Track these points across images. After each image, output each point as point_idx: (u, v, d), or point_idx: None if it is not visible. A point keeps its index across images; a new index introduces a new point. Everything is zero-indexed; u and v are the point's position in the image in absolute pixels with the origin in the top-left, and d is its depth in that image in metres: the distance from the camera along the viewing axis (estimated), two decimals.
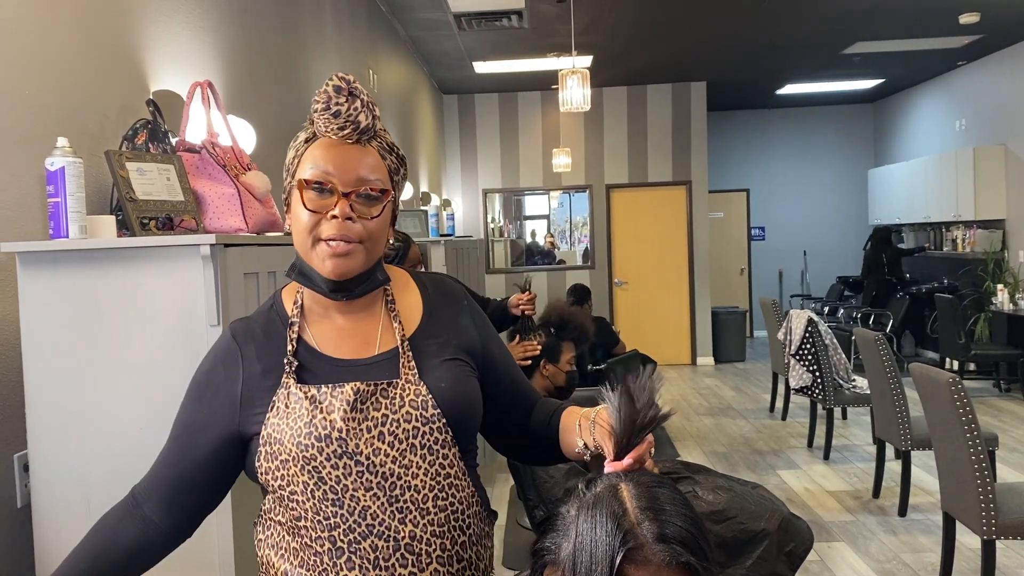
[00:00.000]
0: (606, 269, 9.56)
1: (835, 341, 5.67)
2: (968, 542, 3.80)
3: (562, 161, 8.52)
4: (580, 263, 9.67)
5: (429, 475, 1.17)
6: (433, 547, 1.16)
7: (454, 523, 1.19)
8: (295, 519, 1.17)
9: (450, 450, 1.19)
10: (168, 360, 1.66)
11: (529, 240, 9.77)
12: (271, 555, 1.22)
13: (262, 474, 1.18)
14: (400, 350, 1.20)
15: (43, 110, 1.89)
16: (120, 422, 1.67)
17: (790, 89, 9.79)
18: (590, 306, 6.22)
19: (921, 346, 9.33)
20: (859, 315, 8.82)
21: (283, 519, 1.19)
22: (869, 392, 4.91)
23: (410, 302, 1.26)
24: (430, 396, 1.17)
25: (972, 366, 7.72)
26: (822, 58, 8.16)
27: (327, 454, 1.13)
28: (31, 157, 1.83)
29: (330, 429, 1.13)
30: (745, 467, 5.37)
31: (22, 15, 1.83)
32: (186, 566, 1.69)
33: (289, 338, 1.20)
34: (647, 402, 1.05)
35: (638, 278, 9.58)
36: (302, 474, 1.14)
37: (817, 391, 5.58)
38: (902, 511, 4.39)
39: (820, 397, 5.56)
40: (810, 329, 5.57)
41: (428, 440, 1.17)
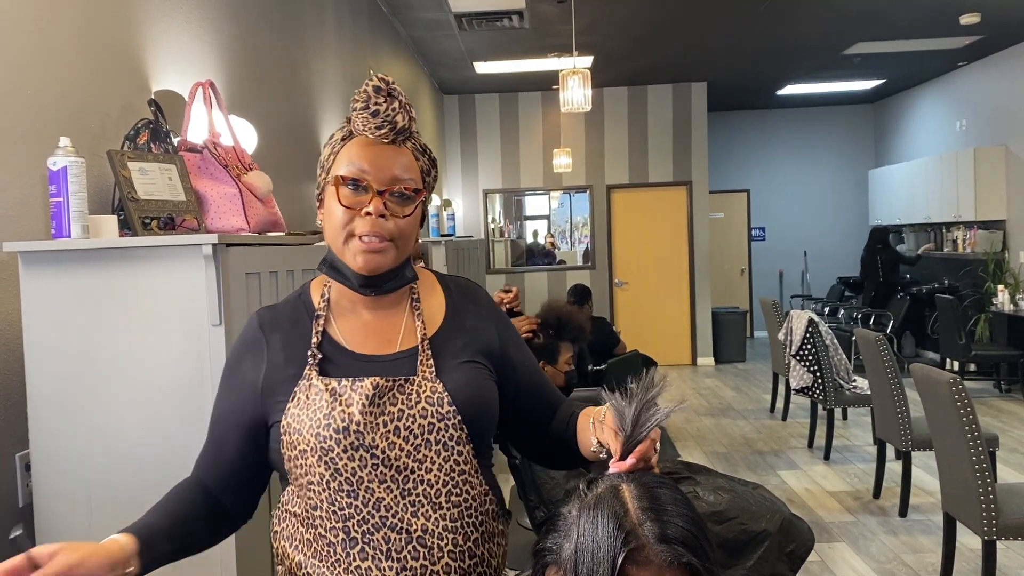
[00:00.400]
0: (606, 269, 9.57)
1: (835, 341, 5.67)
2: (969, 543, 3.80)
3: (562, 161, 8.52)
4: (580, 263, 9.67)
5: (443, 470, 1.19)
6: (445, 541, 1.18)
7: (467, 519, 1.20)
8: (311, 508, 1.19)
9: (464, 447, 1.21)
10: (170, 360, 1.66)
11: (530, 240, 9.77)
12: (286, 546, 1.24)
13: (285, 462, 1.21)
14: (420, 348, 1.22)
15: (45, 110, 1.89)
16: (122, 422, 1.67)
17: (791, 90, 9.79)
18: (590, 306, 6.22)
19: (922, 347, 9.33)
20: (859, 315, 8.82)
21: (299, 510, 1.22)
22: (869, 392, 4.91)
23: (434, 303, 1.29)
24: (446, 394, 1.19)
25: (972, 367, 7.72)
26: (823, 59, 8.16)
27: (344, 446, 1.15)
28: (33, 157, 1.83)
29: (348, 422, 1.15)
30: (746, 467, 5.37)
31: (23, 15, 1.83)
32: (185, 561, 1.69)
33: (315, 330, 1.23)
34: (648, 401, 1.06)
35: (638, 278, 9.58)
36: (319, 465, 1.16)
37: (818, 391, 5.58)
38: (903, 512, 4.39)
39: (820, 397, 5.56)
40: (810, 329, 5.57)
41: (443, 436, 1.19)
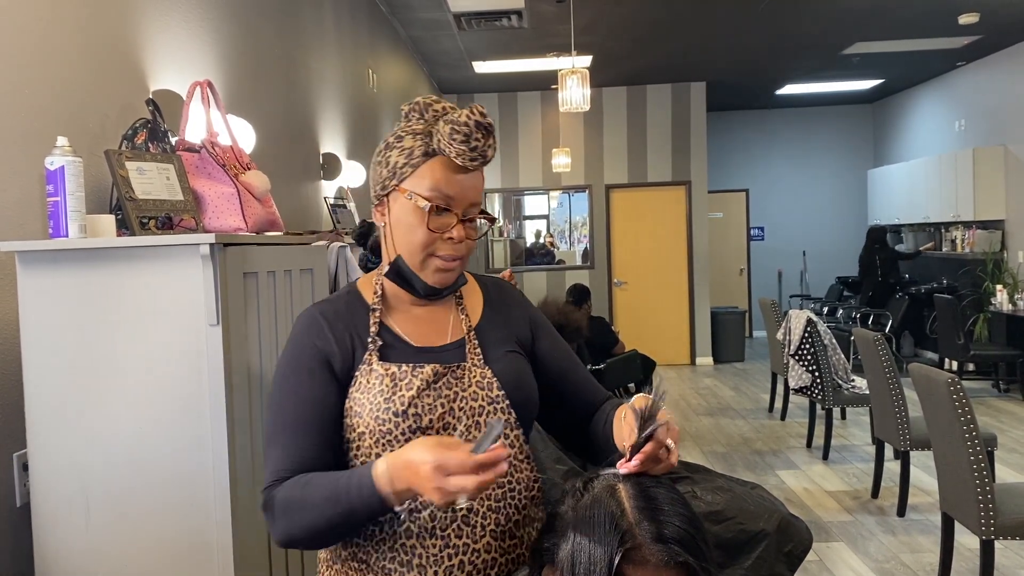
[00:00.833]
0: (605, 269, 9.57)
1: (834, 341, 5.67)
2: (967, 542, 3.80)
3: (561, 161, 8.52)
4: (579, 263, 9.67)
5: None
6: (488, 521, 1.23)
7: (510, 501, 1.26)
8: None
9: (513, 431, 1.28)
10: (167, 359, 1.66)
11: (529, 240, 9.77)
12: None
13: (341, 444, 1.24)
14: (467, 338, 1.30)
15: (43, 109, 1.89)
16: (119, 421, 1.67)
17: (790, 89, 9.80)
18: (589, 306, 6.22)
19: (920, 346, 9.33)
20: (858, 315, 8.82)
21: None
22: (868, 392, 4.91)
23: (473, 299, 1.37)
24: (495, 379, 1.27)
25: (971, 366, 7.72)
26: (822, 58, 8.16)
27: (402, 429, 1.21)
28: (31, 156, 1.83)
29: (407, 405, 1.21)
30: (744, 467, 5.38)
31: (22, 15, 1.83)
32: (185, 561, 1.69)
33: (372, 320, 1.28)
34: (654, 410, 1.06)
35: (637, 278, 9.58)
36: (376, 447, 1.22)
37: (816, 391, 5.58)
38: (901, 511, 4.39)
39: (819, 397, 5.56)
40: (809, 329, 5.57)
41: (492, 420, 1.25)
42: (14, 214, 1.78)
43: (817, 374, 5.54)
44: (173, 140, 2.05)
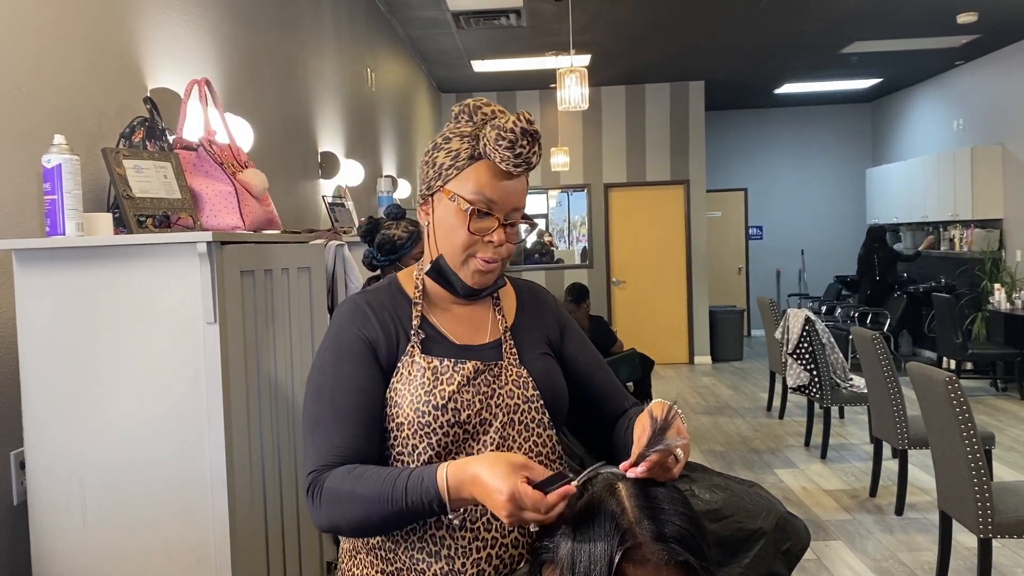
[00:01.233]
0: (604, 268, 9.56)
1: (832, 340, 5.67)
2: (965, 541, 3.80)
3: (560, 160, 8.51)
4: (578, 262, 9.66)
5: (523, 450, 1.28)
6: None
7: None
8: None
9: (546, 431, 1.31)
10: (164, 357, 1.66)
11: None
12: None
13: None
14: (503, 338, 1.33)
15: (40, 107, 1.88)
16: (116, 419, 1.66)
17: (788, 88, 9.80)
18: (588, 305, 6.21)
19: (918, 345, 9.33)
20: (856, 314, 8.82)
21: None
22: (866, 391, 4.91)
23: (508, 300, 1.40)
24: (530, 379, 1.30)
25: (969, 365, 7.72)
26: (820, 57, 8.16)
27: (441, 422, 1.23)
28: (28, 154, 1.82)
29: (446, 399, 1.23)
30: (742, 466, 5.38)
31: (19, 13, 1.83)
32: (182, 560, 1.69)
33: (414, 313, 1.30)
34: (666, 425, 1.07)
35: (636, 277, 9.58)
36: (413, 438, 1.23)
37: (814, 390, 5.58)
38: (899, 510, 4.39)
39: (817, 396, 5.57)
40: (807, 328, 5.57)
41: (526, 418, 1.29)
42: (11, 212, 1.78)
43: (815, 373, 5.55)
44: (171, 138, 2.04)
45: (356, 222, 4.16)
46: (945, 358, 7.74)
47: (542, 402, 1.30)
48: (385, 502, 1.13)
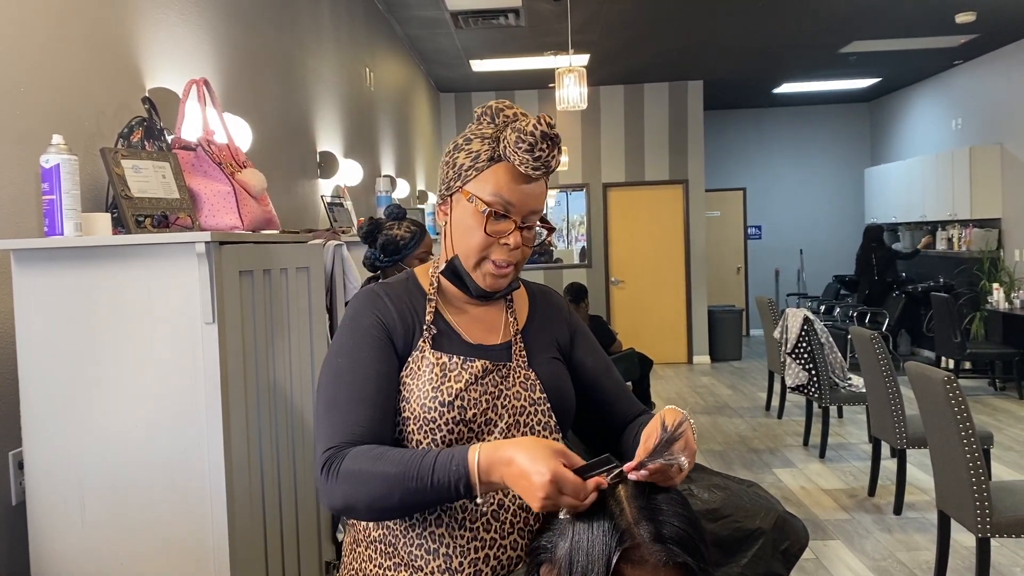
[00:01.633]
0: (603, 268, 9.57)
1: (831, 340, 5.67)
2: (963, 540, 3.81)
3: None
4: (577, 262, 9.67)
5: None
6: (517, 518, 1.24)
7: None
8: None
9: (551, 435, 1.30)
10: (163, 357, 1.66)
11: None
12: None
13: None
14: (513, 340, 1.34)
15: (38, 107, 1.88)
16: (115, 419, 1.66)
17: (787, 88, 9.80)
18: (587, 304, 6.21)
19: (917, 345, 9.34)
20: (855, 314, 8.83)
21: None
22: (865, 391, 4.92)
23: (521, 303, 1.40)
24: (538, 381, 1.31)
25: (968, 365, 7.73)
26: (819, 57, 8.17)
27: (446, 419, 1.23)
28: (26, 154, 1.82)
29: (453, 397, 1.23)
30: (741, 465, 5.38)
31: (18, 13, 1.82)
32: (181, 559, 1.69)
33: (428, 308, 1.31)
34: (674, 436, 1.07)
35: (635, 277, 9.58)
36: (418, 433, 1.24)
37: (813, 390, 5.58)
38: (897, 509, 4.40)
39: (816, 396, 5.57)
40: (806, 328, 5.57)
41: (532, 420, 1.29)
42: (9, 212, 1.78)
43: (814, 372, 5.55)
44: (169, 138, 2.04)
45: (355, 222, 4.16)
46: (943, 357, 7.75)
47: (548, 405, 1.31)
48: (411, 479, 1.11)
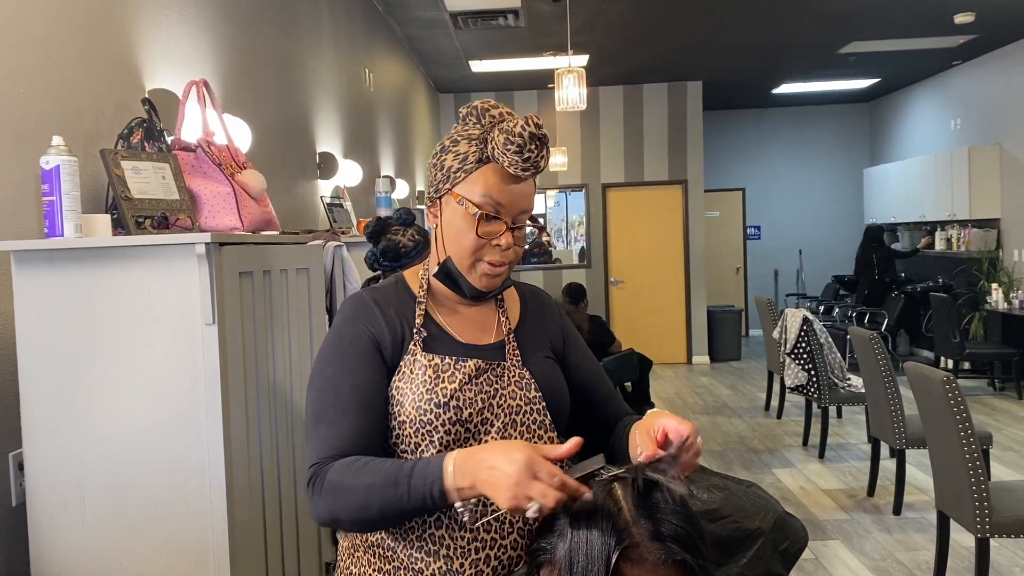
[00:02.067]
0: (602, 268, 9.57)
1: (830, 340, 5.68)
2: (962, 540, 3.81)
3: (558, 160, 8.51)
4: (576, 262, 9.67)
5: None
6: (517, 519, 1.24)
7: None
8: None
9: (547, 433, 1.31)
10: (163, 359, 1.66)
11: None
12: None
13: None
14: (507, 339, 1.34)
15: (38, 109, 1.88)
16: (115, 421, 1.66)
17: (786, 88, 9.80)
18: (586, 305, 6.22)
19: (916, 345, 9.34)
20: (854, 314, 8.83)
21: None
22: (864, 391, 4.92)
23: (512, 303, 1.41)
24: (533, 380, 1.31)
25: (967, 365, 7.73)
26: (818, 57, 8.17)
27: (443, 420, 1.23)
28: (26, 156, 1.82)
29: (448, 397, 1.23)
30: (740, 465, 5.38)
31: (17, 14, 1.83)
32: (181, 560, 1.69)
33: (418, 312, 1.31)
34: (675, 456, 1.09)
35: (634, 277, 9.58)
36: (416, 436, 1.24)
37: (812, 390, 5.59)
38: (897, 509, 4.40)
39: (815, 396, 5.57)
40: (805, 328, 5.58)
41: (528, 419, 1.29)
42: (9, 213, 1.78)
43: (813, 373, 5.55)
44: (169, 139, 2.04)
45: (354, 223, 4.16)
46: (943, 358, 7.75)
47: (544, 404, 1.30)
48: (389, 487, 1.11)
